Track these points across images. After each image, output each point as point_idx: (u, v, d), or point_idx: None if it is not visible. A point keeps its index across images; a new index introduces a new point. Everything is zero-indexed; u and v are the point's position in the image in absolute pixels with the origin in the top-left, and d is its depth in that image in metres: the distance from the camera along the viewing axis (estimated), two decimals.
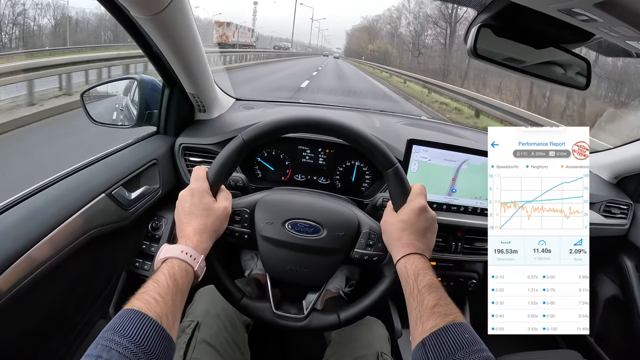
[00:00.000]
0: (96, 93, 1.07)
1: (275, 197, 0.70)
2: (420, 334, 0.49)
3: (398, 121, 1.28)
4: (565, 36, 0.67)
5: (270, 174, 1.05)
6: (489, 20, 0.66)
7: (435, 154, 0.89)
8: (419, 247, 0.59)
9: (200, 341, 0.72)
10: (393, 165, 0.63)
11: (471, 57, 0.68)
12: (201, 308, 0.78)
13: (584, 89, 0.77)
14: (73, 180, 0.77)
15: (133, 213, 0.86)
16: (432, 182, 0.90)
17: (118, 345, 0.40)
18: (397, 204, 0.63)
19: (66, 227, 0.69)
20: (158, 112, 1.02)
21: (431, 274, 0.55)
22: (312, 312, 0.68)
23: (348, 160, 1.03)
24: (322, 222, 0.66)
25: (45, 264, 0.64)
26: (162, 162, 0.97)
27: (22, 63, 5.61)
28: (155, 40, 0.78)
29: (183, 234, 0.58)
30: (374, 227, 0.68)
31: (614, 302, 1.22)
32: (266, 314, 0.67)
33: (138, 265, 0.96)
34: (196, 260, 0.54)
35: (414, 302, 0.53)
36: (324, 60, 35.04)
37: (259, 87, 9.56)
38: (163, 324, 0.45)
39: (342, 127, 0.64)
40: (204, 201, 0.60)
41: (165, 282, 0.49)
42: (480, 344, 0.46)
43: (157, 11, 0.67)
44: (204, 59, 0.92)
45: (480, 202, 0.94)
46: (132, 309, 0.45)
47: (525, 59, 0.73)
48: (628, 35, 0.51)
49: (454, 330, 0.47)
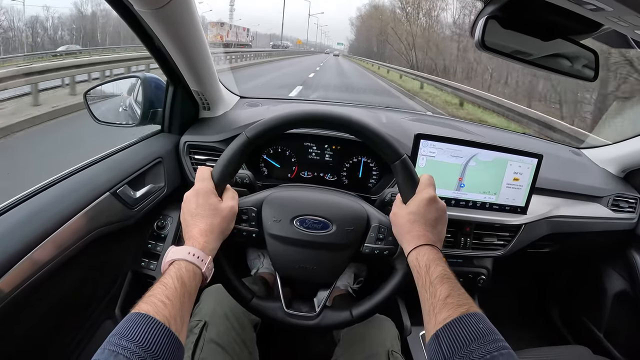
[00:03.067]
0: (99, 92, 1.07)
1: (282, 194, 0.69)
2: (434, 326, 0.48)
3: (404, 117, 1.27)
4: (573, 27, 0.66)
5: (276, 171, 1.05)
6: (496, 12, 0.65)
7: (443, 148, 0.88)
8: (430, 238, 0.58)
9: (208, 341, 0.71)
10: (401, 156, 0.63)
11: (479, 50, 0.67)
12: (208, 308, 0.78)
13: (592, 81, 0.76)
14: (77, 179, 0.76)
15: (138, 212, 0.85)
16: (440, 177, 0.89)
17: (125, 350, 0.40)
18: (406, 196, 0.62)
19: (70, 227, 0.68)
20: (162, 110, 1.02)
21: (443, 264, 0.54)
22: (324, 310, 0.67)
23: (355, 157, 1.02)
24: (331, 218, 0.65)
25: (49, 264, 0.63)
26: (167, 160, 0.97)
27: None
28: (158, 35, 0.77)
29: (189, 235, 0.57)
30: (383, 221, 0.67)
31: (623, 297, 1.21)
32: (277, 313, 0.66)
33: (144, 265, 0.95)
34: (204, 261, 0.54)
35: (426, 294, 0.52)
36: (323, 59, 34.02)
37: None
38: (171, 327, 0.44)
39: (347, 120, 0.63)
40: (210, 201, 0.59)
41: (173, 284, 0.49)
42: (496, 334, 0.45)
43: (160, 5, 0.67)
44: (208, 55, 0.92)
45: (489, 197, 0.93)
46: (140, 312, 0.44)
47: (533, 51, 0.72)
48: (637, 24, 0.50)
49: (468, 321, 0.46)
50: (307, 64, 21.07)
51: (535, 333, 1.47)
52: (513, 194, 0.94)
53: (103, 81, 1.07)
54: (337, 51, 64.65)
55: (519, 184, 0.93)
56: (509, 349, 0.43)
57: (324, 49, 72.55)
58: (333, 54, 53.95)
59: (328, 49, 70.26)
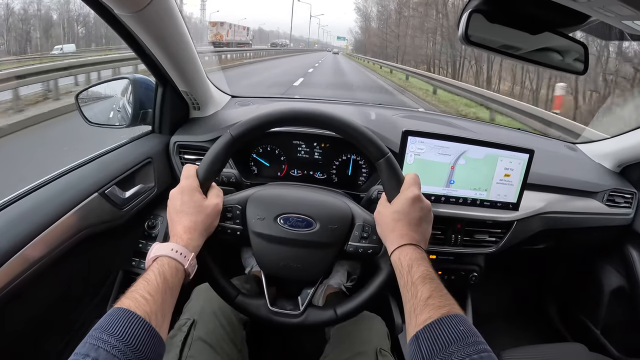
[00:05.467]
0: (91, 94, 1.07)
1: (267, 193, 0.69)
2: (414, 327, 0.48)
3: (395, 114, 1.26)
4: (561, 20, 0.65)
5: (266, 169, 1.05)
6: (481, 5, 0.65)
7: (432, 145, 0.87)
8: (414, 238, 0.58)
9: (196, 339, 0.71)
10: (385, 154, 0.62)
11: (463, 44, 0.66)
12: (198, 305, 0.78)
13: (582, 74, 0.76)
14: (66, 181, 0.77)
15: (128, 212, 0.86)
16: (429, 174, 0.88)
17: (106, 344, 0.40)
18: (390, 195, 0.62)
19: (59, 226, 0.69)
20: (152, 111, 1.02)
21: (426, 264, 0.54)
22: (309, 308, 0.67)
23: (344, 154, 1.02)
24: (315, 216, 0.65)
25: (38, 262, 0.64)
26: (157, 160, 0.97)
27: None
28: (142, 37, 0.77)
29: (174, 232, 0.58)
30: (367, 219, 0.66)
31: (620, 294, 1.20)
32: (261, 311, 0.67)
33: (135, 264, 0.96)
34: (187, 258, 0.54)
35: (407, 295, 0.52)
36: (320, 57, 33.36)
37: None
38: (152, 322, 0.45)
39: (330, 118, 0.63)
40: (194, 199, 0.60)
41: (155, 280, 0.49)
42: (477, 336, 0.44)
43: (139, 8, 0.67)
44: (195, 56, 0.92)
45: (480, 193, 0.92)
46: (122, 307, 0.45)
47: (521, 45, 0.71)
48: (623, 14, 0.49)
49: (448, 323, 0.45)
50: (303, 63, 20.83)
51: (532, 330, 1.46)
52: (504, 190, 0.93)
53: (94, 83, 1.07)
54: (337, 49, 63.22)
55: (510, 180, 0.92)
56: (490, 352, 0.43)
57: (326, 47, 71.82)
58: (332, 52, 52.93)
59: (329, 47, 69.29)
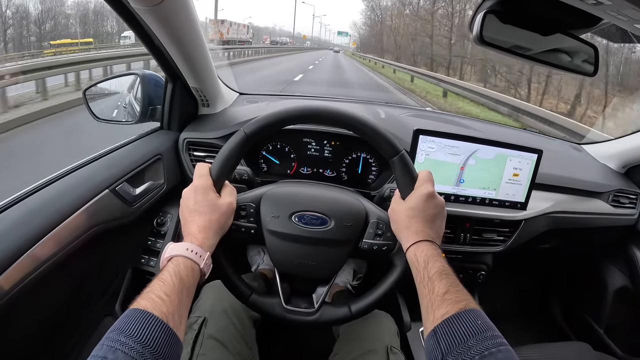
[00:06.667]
0: (99, 90, 1.07)
1: (281, 190, 0.69)
2: (432, 322, 0.48)
3: (403, 112, 1.27)
4: (572, 22, 0.66)
5: (275, 167, 1.05)
6: (495, 6, 0.65)
7: (442, 144, 0.88)
8: (429, 234, 0.58)
9: (207, 337, 0.71)
10: (399, 152, 0.62)
11: (477, 44, 0.67)
12: (208, 304, 0.78)
13: (592, 76, 0.76)
14: (76, 177, 0.77)
15: (138, 209, 0.86)
16: (439, 173, 0.89)
17: (124, 346, 0.40)
18: (404, 192, 0.62)
19: (70, 224, 0.68)
20: (161, 107, 1.02)
21: (442, 260, 0.54)
22: (323, 306, 0.67)
23: (354, 152, 1.02)
24: (329, 214, 0.65)
25: (49, 261, 0.63)
26: (167, 157, 0.97)
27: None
28: (156, 32, 0.77)
29: (188, 231, 0.57)
30: (382, 216, 0.67)
31: (624, 293, 1.21)
32: (276, 309, 0.66)
33: (144, 262, 0.96)
34: (202, 257, 0.54)
35: (424, 290, 0.52)
36: (320, 55, 33.17)
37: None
38: (169, 323, 0.44)
39: (345, 115, 0.63)
40: (208, 198, 0.59)
41: (171, 280, 0.49)
42: (494, 330, 0.45)
43: (156, 2, 0.66)
44: (207, 52, 0.91)
45: (489, 192, 0.93)
46: (138, 308, 0.44)
47: (532, 46, 0.72)
48: (636, 18, 0.50)
49: (466, 317, 0.46)
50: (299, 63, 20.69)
51: (536, 329, 1.47)
52: (513, 190, 0.94)
53: (102, 79, 1.07)
54: (338, 47, 62.31)
55: (518, 179, 0.93)
56: (507, 345, 0.43)
57: (328, 45, 71.21)
58: (333, 50, 52.00)
59: (332, 46, 68.61)
